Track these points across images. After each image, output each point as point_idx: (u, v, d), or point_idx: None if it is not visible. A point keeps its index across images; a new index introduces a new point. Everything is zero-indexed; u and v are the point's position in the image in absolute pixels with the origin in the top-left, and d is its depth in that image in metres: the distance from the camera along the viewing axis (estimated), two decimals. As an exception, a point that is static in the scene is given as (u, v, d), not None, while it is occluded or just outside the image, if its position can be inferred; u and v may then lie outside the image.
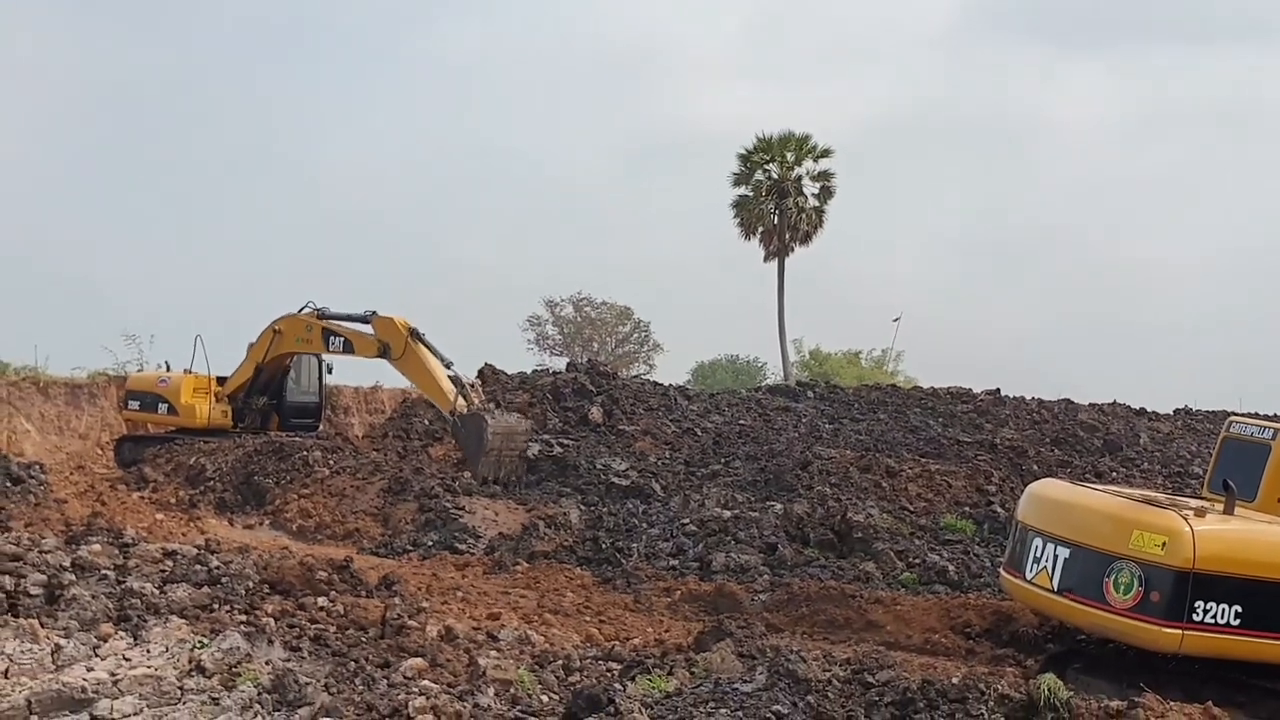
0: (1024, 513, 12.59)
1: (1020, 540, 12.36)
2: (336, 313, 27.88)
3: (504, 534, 20.35)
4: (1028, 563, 11.93)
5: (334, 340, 27.68)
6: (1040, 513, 12.24)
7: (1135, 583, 10.59)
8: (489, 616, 13.95)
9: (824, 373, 56.01)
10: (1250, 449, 13.07)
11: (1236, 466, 12.93)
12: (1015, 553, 12.48)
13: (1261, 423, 13.62)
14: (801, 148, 54.39)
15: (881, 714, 9.43)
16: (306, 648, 10.36)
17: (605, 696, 9.43)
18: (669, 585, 17.08)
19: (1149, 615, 10.53)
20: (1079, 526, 11.47)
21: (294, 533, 21.32)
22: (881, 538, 19.26)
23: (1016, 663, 13.93)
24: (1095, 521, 11.35)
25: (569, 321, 71.35)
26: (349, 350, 27.54)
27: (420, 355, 25.81)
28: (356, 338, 27.24)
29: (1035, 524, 12.10)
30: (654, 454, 27.32)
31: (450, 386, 25.38)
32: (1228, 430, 13.64)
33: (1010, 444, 29.38)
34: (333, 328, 27.68)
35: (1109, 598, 10.81)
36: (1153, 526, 10.68)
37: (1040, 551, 11.76)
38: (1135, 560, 10.63)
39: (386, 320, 26.46)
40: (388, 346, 26.33)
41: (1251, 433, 13.25)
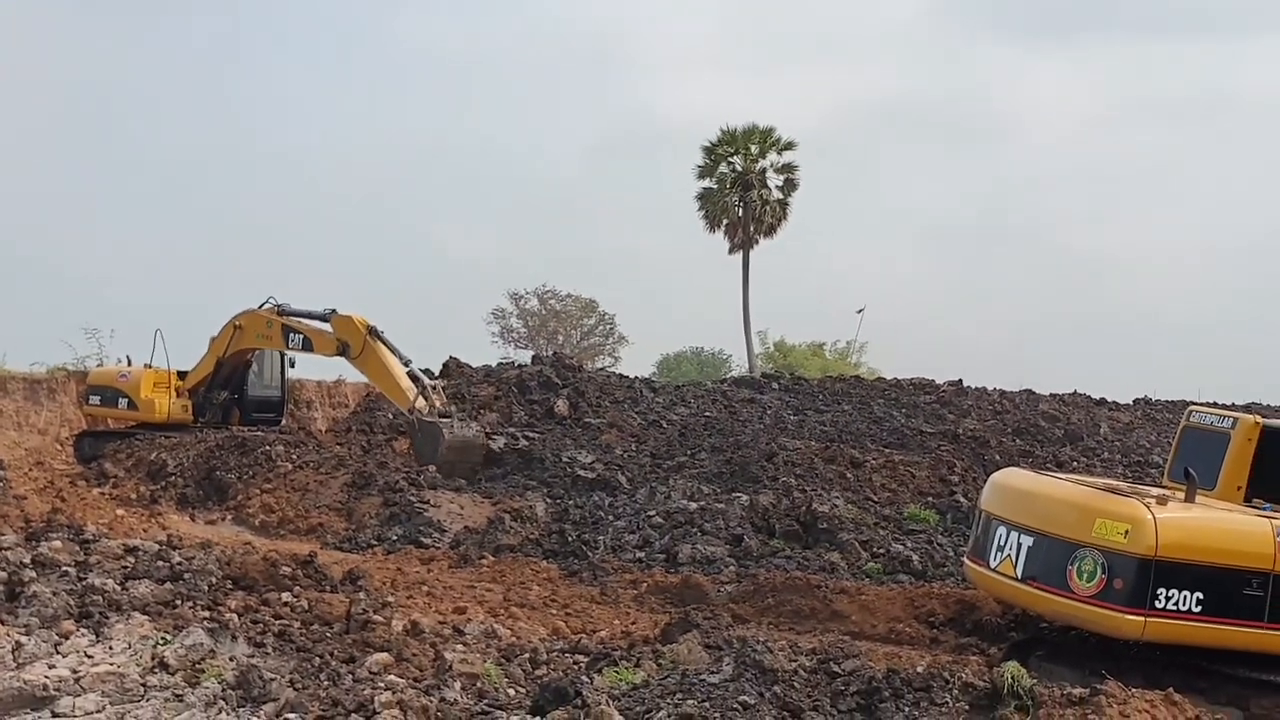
0: (987, 502, 12.61)
1: (984, 529, 12.40)
2: (297, 309, 27.72)
3: (469, 528, 20.29)
4: (991, 551, 11.96)
5: (293, 337, 27.56)
6: (1003, 502, 12.27)
7: (1098, 570, 10.64)
8: (455, 610, 13.91)
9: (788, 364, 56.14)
10: (1210, 438, 13.13)
11: (1196, 455, 13.00)
12: (979, 541, 12.50)
13: (1221, 412, 13.75)
14: (766, 140, 54.52)
15: (847, 703, 9.48)
16: (271, 643, 10.31)
17: (573, 689, 9.44)
18: (635, 577, 17.09)
19: (1112, 603, 10.59)
20: (1042, 515, 11.50)
21: (256, 528, 21.16)
22: (846, 528, 19.33)
23: (980, 651, 14.00)
24: (1058, 510, 11.39)
25: (534, 314, 71.25)
26: (308, 348, 27.41)
27: (379, 354, 25.73)
28: (316, 335, 27.11)
29: (999, 513, 12.13)
30: (620, 446, 27.30)
31: (409, 385, 25.31)
32: (1188, 420, 13.67)
33: (973, 434, 29.53)
34: (292, 324, 27.54)
35: (1072, 585, 10.86)
36: (1115, 515, 10.75)
37: (1004, 540, 11.79)
38: (1098, 548, 10.68)
39: (345, 319, 26.36)
40: (347, 345, 26.23)
41: (1211, 422, 13.33)
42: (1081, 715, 8.88)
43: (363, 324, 26.03)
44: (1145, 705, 9.06)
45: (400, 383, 25.41)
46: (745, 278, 55.25)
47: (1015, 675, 9.24)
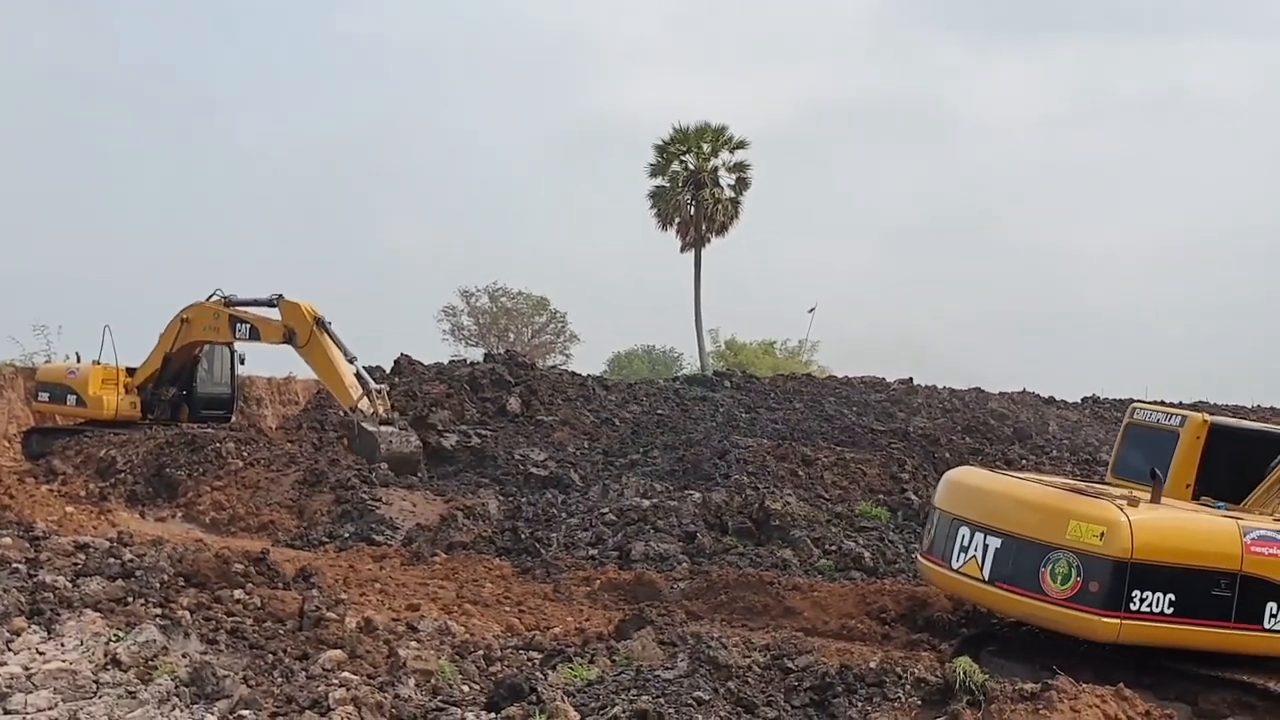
0: (946, 501, 12.39)
1: (943, 529, 12.19)
2: (243, 299, 27.57)
3: (422, 525, 20.23)
4: (954, 552, 11.79)
5: (240, 327, 27.39)
6: (967, 502, 12.08)
7: (1073, 573, 10.59)
8: (408, 608, 13.88)
9: (740, 363, 56.36)
10: (1156, 436, 13.20)
11: (1142, 453, 13.15)
12: (938, 541, 12.28)
13: (1167, 410, 13.88)
14: (718, 139, 54.70)
15: (801, 699, 9.55)
16: (223, 640, 10.23)
17: (527, 685, 9.44)
18: (588, 574, 17.11)
19: (1087, 605, 10.54)
20: (1011, 517, 11.37)
21: (207, 525, 21.00)
22: (798, 525, 19.44)
23: (931, 647, 14.13)
24: (1029, 512, 11.28)
25: (484, 312, 71.05)
26: (255, 337, 27.22)
27: (325, 346, 25.58)
28: (262, 324, 26.96)
29: (961, 513, 11.96)
30: (572, 444, 27.33)
31: (354, 382, 25.21)
32: (1131, 417, 13.74)
33: (923, 432, 29.79)
34: (239, 314, 27.39)
35: (1045, 588, 10.77)
36: (1090, 517, 10.69)
37: (967, 541, 11.63)
38: (1073, 550, 10.61)
39: (293, 305, 26.16)
40: (293, 332, 26.06)
41: (1157, 419, 13.39)
42: (1033, 710, 8.96)
43: (310, 313, 25.85)
44: (1096, 700, 9.15)
45: (344, 379, 25.29)
46: (697, 276, 55.46)
47: (967, 670, 9.31)
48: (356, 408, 24.84)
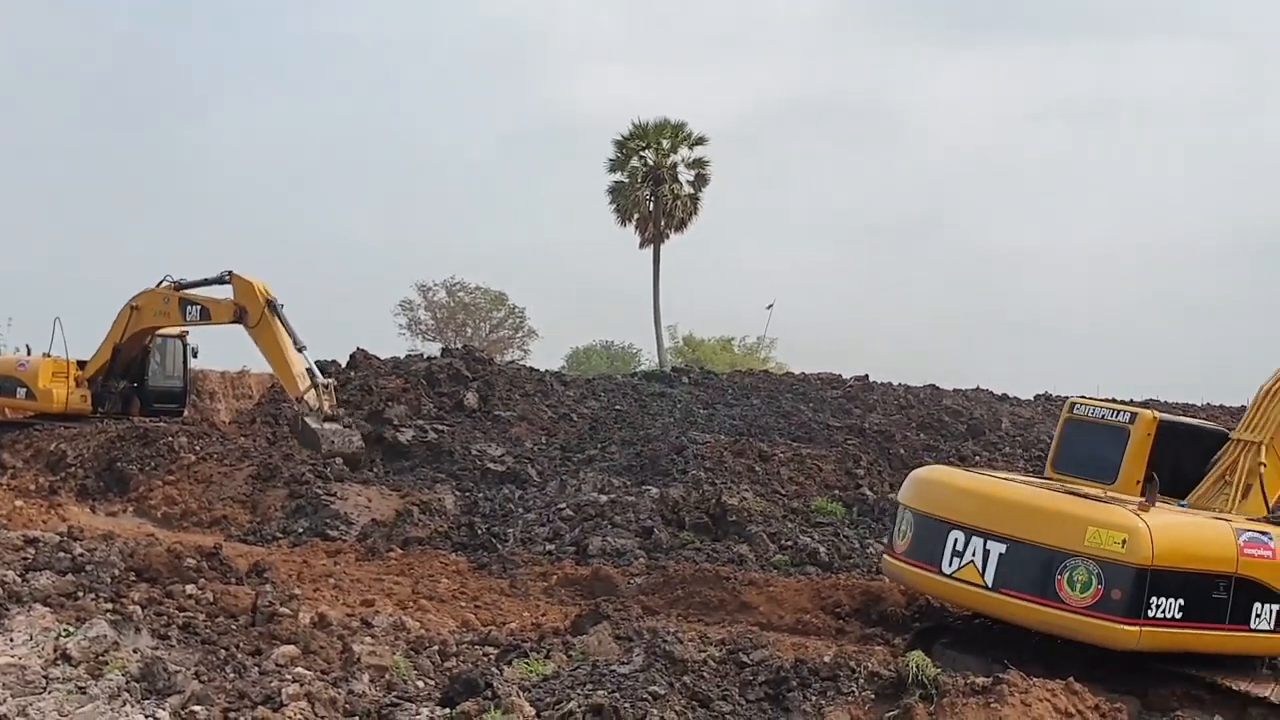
0: (928, 503, 11.87)
1: (927, 532, 11.66)
2: (193, 281, 27.30)
3: (377, 520, 20.14)
4: (943, 556, 11.30)
5: (191, 309, 27.16)
6: (958, 504, 11.56)
7: (1094, 581, 10.35)
8: (363, 603, 13.82)
9: (698, 359, 56.44)
10: (1100, 431, 13.08)
11: (1084, 448, 13.05)
12: (919, 544, 11.73)
13: (1113, 406, 13.71)
14: (677, 135, 54.75)
15: (756, 693, 9.57)
16: (175, 636, 10.17)
17: (483, 680, 9.41)
18: (545, 570, 17.09)
19: (1109, 613, 10.33)
20: (1018, 522, 10.90)
21: (159, 520, 20.84)
22: (755, 521, 19.48)
23: (885, 641, 14.22)
24: (1041, 517, 10.94)
25: (442, 306, 70.82)
26: (206, 317, 26.99)
27: (275, 330, 25.37)
28: (213, 304, 26.77)
29: (951, 516, 11.44)
30: (530, 439, 27.30)
31: (302, 371, 25.05)
32: (1071, 411, 13.49)
33: (878, 429, 29.94)
34: (189, 297, 27.14)
35: (1063, 596, 10.50)
36: (1109, 524, 10.47)
37: (961, 545, 11.16)
38: (1093, 558, 10.39)
39: (246, 283, 25.93)
40: (244, 311, 25.84)
41: (1103, 415, 13.24)
42: (984, 704, 9.03)
43: (263, 292, 25.62)
44: (1046, 694, 9.24)
45: (293, 367, 25.11)
46: (656, 272, 55.46)
47: (920, 664, 9.35)
48: (303, 398, 24.71)
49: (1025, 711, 9.00)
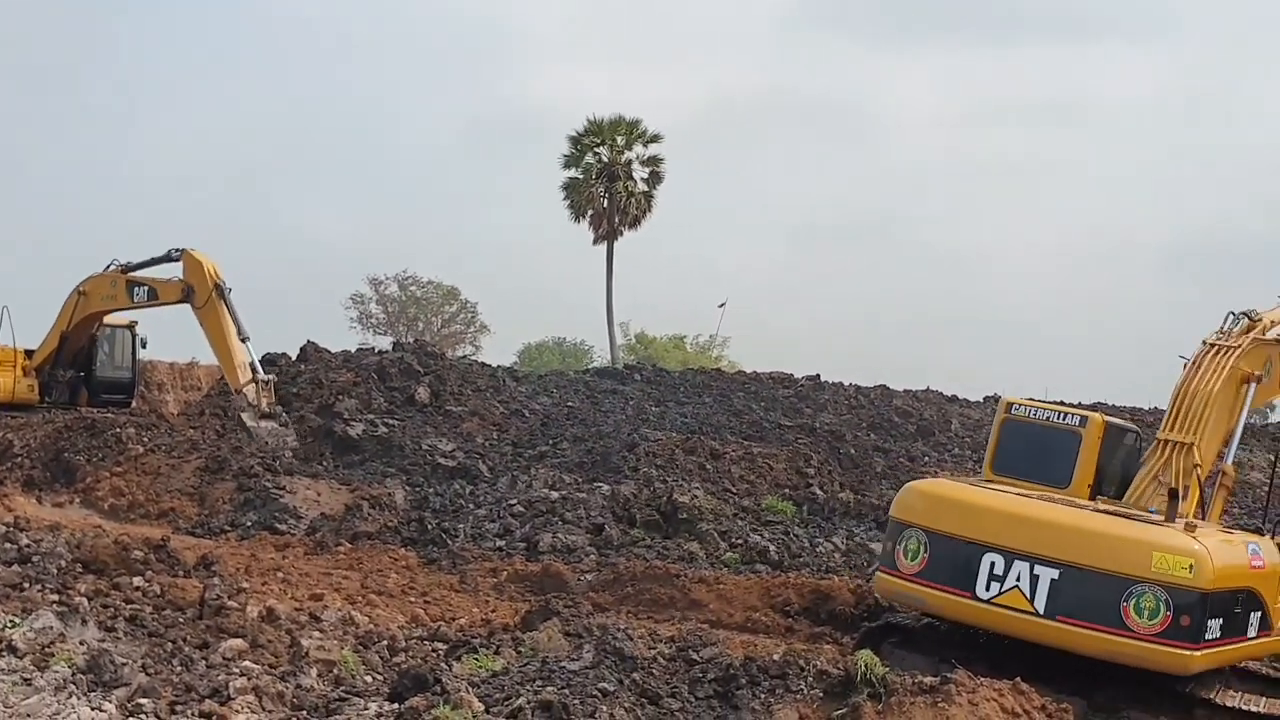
0: (952, 523, 11.30)
1: (952, 554, 11.14)
2: (140, 262, 27.12)
3: (326, 514, 20.03)
4: (978, 581, 10.86)
5: (138, 291, 26.96)
6: (994, 526, 11.08)
7: (1162, 607, 10.20)
8: (311, 597, 13.74)
9: (650, 356, 56.50)
10: (1043, 434, 12.87)
11: (1024, 450, 12.84)
12: (940, 566, 11.21)
13: (1052, 407, 13.57)
14: (632, 132, 54.73)
15: (705, 690, 9.60)
16: (122, 628, 10.08)
17: (431, 676, 9.40)
18: (495, 566, 17.07)
19: (1177, 640, 10.20)
20: (1076, 546, 10.66)
21: (106, 512, 20.62)
22: (705, 518, 19.54)
23: (834, 640, 14.30)
24: (1102, 543, 10.66)
25: (394, 300, 70.51)
26: (153, 297, 26.84)
27: (220, 315, 25.22)
28: (160, 284, 26.62)
29: (986, 538, 10.98)
30: (481, 435, 27.24)
31: (244, 363, 24.94)
32: (1008, 413, 13.18)
33: (829, 428, 30.13)
34: (136, 278, 26.97)
35: (1130, 623, 10.27)
36: (1174, 549, 10.36)
37: (1002, 569, 10.78)
38: (1160, 584, 10.19)
39: (196, 261, 25.74)
40: (191, 290, 25.68)
41: (1047, 417, 13.00)
42: (932, 703, 9.10)
43: (213, 274, 25.44)
44: (994, 694, 9.32)
45: (235, 356, 25.01)
46: (609, 269, 55.43)
47: (868, 663, 9.40)
48: (242, 391, 24.59)
49: (972, 711, 9.08)
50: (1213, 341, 13.46)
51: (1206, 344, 13.41)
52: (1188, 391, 12.95)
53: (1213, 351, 13.32)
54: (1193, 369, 13.13)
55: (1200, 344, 13.56)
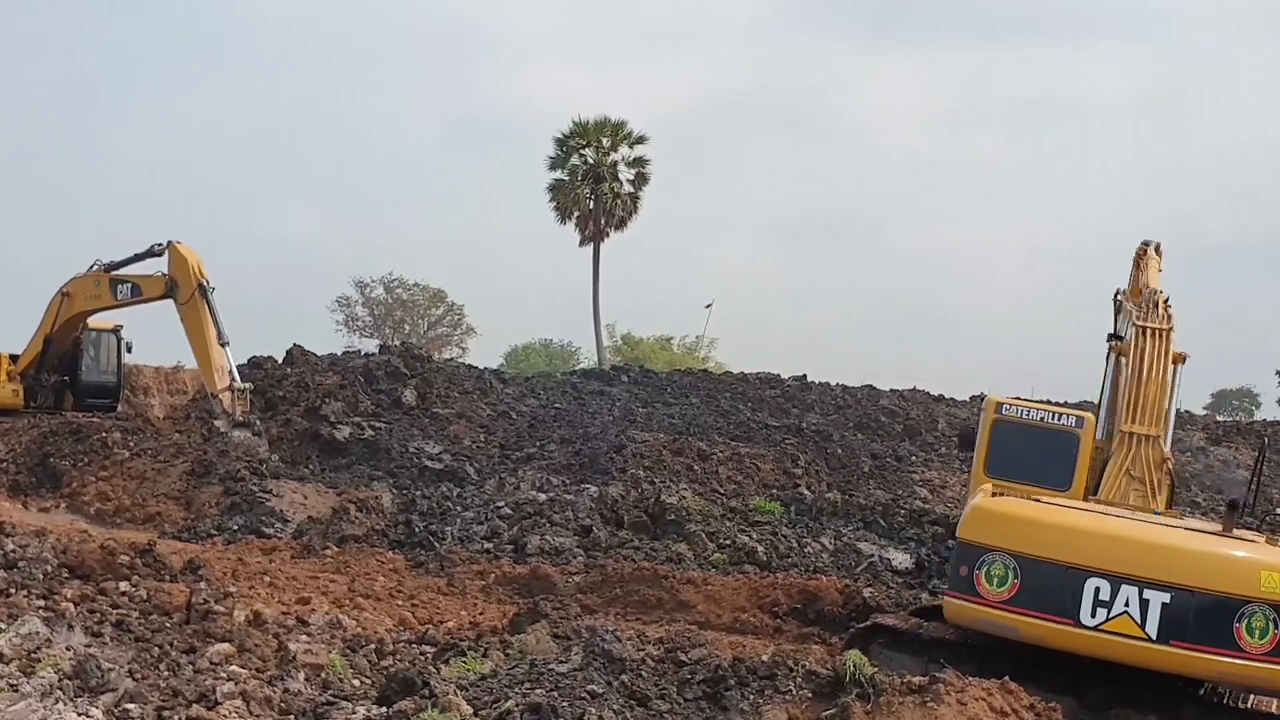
0: (1048, 547, 10.81)
1: (1051, 580, 10.68)
2: (123, 259, 27.08)
3: (313, 518, 19.99)
4: (1082, 607, 10.51)
5: (121, 289, 26.89)
6: (1099, 550, 10.69)
7: (1270, 626, 10.14)
8: (298, 601, 13.71)
9: (637, 357, 56.49)
10: (1042, 435, 12.67)
11: (1022, 452, 12.57)
12: (1032, 592, 10.74)
13: (1044, 406, 13.29)
14: (617, 133, 54.69)
15: (694, 691, 9.59)
16: (108, 633, 10.04)
17: (419, 679, 9.37)
18: (483, 568, 17.03)
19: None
20: (1185, 568, 10.42)
21: (92, 516, 20.58)
22: (693, 519, 19.54)
23: (822, 640, 14.32)
24: (1212, 563, 10.50)
25: (379, 303, 70.44)
26: (138, 294, 26.72)
27: (202, 314, 25.15)
28: (144, 280, 26.53)
29: (1089, 563, 10.58)
30: (468, 437, 27.21)
31: (222, 366, 24.88)
32: (999, 414, 12.80)
33: (816, 428, 30.14)
34: (120, 276, 26.91)
35: (1242, 644, 10.14)
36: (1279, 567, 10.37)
37: (1108, 595, 10.45)
38: (1269, 602, 10.14)
39: (181, 255, 25.67)
40: (175, 285, 25.59)
41: (1041, 418, 12.77)
42: (921, 703, 9.09)
43: (197, 271, 25.38)
44: (982, 693, 9.31)
45: (214, 359, 24.94)
46: (595, 270, 55.39)
47: (857, 664, 9.39)
48: (218, 396, 24.56)
49: (961, 711, 9.08)
50: (1144, 324, 13.36)
51: (1138, 327, 13.29)
52: (1141, 380, 12.86)
53: (1151, 336, 13.24)
54: (1136, 357, 13.03)
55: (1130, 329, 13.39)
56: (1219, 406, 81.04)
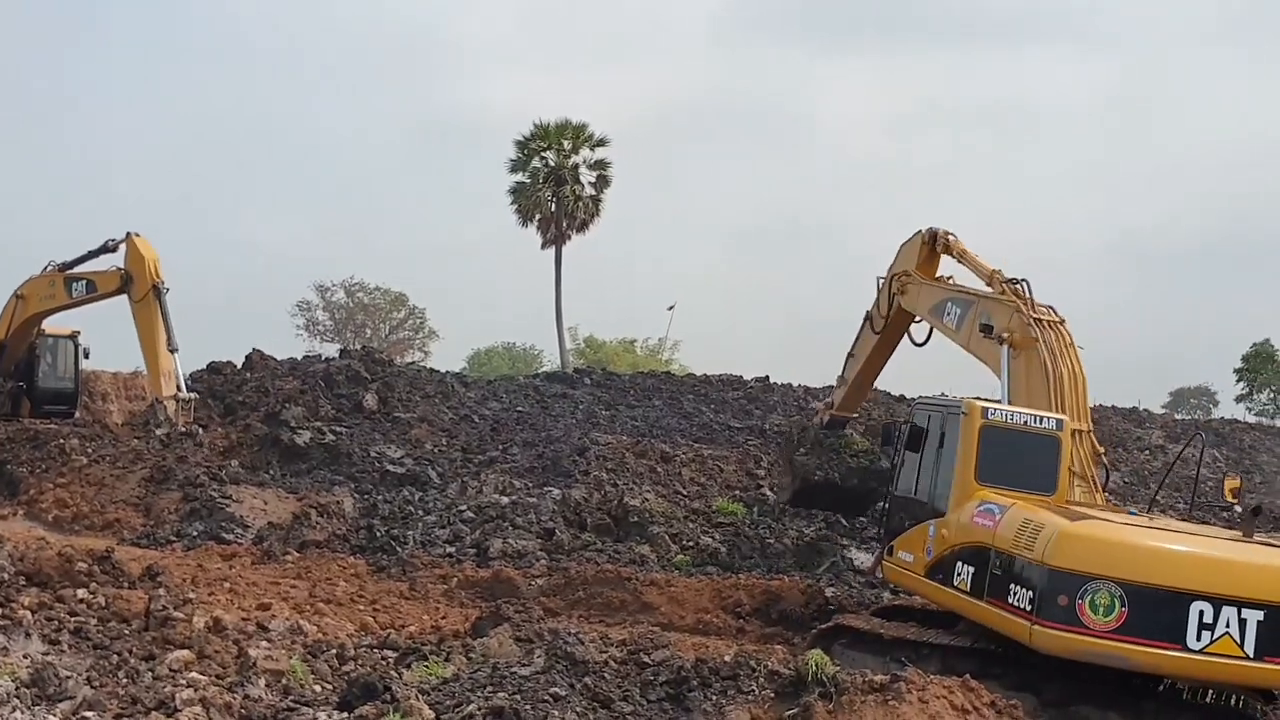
0: (1155, 574, 10.54)
1: (1158, 606, 10.44)
2: (77, 257, 27.02)
3: (273, 523, 19.86)
4: (1189, 632, 10.36)
5: (76, 286, 26.83)
6: (1201, 574, 10.56)
7: None
8: (259, 607, 13.64)
9: (600, 360, 56.41)
10: (1026, 440, 12.42)
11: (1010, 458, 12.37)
12: (1143, 620, 10.46)
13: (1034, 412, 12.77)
14: (579, 136, 54.48)
15: (657, 693, 9.60)
16: (66, 641, 9.94)
17: (381, 684, 9.34)
18: (445, 572, 17.00)
19: None
20: (1273, 585, 10.51)
21: (50, 523, 20.36)
22: (656, 521, 19.57)
23: (785, 640, 14.37)
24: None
25: (340, 307, 70.03)
26: (93, 290, 26.66)
27: (154, 314, 25.10)
28: (99, 276, 26.50)
29: (1193, 586, 10.43)
30: (430, 441, 27.09)
31: (170, 370, 24.84)
32: (986, 419, 12.46)
33: (779, 430, 30.15)
34: (74, 275, 26.82)
35: None
36: None
37: (1211, 617, 10.36)
38: None
39: (139, 251, 25.60)
40: (130, 279, 25.56)
41: (1025, 422, 12.51)
42: (882, 701, 9.14)
43: (154, 268, 25.35)
44: (943, 691, 9.37)
45: (162, 363, 24.95)
46: (558, 273, 55.16)
47: (819, 663, 9.43)
48: (162, 402, 24.47)
49: (923, 709, 9.13)
50: (1039, 316, 13.43)
51: (1033, 319, 13.35)
52: (1064, 376, 12.89)
53: (1049, 327, 13.30)
54: (1048, 353, 13.07)
55: (1013, 319, 13.44)
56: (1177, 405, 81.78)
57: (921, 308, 16.51)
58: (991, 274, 15.10)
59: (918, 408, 14.01)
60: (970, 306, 14.98)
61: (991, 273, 15.13)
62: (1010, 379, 13.40)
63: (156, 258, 25.44)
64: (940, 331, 15.87)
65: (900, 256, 17.30)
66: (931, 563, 12.56)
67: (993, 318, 14.19)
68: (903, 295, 16.89)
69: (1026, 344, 13.45)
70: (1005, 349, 13.58)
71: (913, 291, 16.70)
